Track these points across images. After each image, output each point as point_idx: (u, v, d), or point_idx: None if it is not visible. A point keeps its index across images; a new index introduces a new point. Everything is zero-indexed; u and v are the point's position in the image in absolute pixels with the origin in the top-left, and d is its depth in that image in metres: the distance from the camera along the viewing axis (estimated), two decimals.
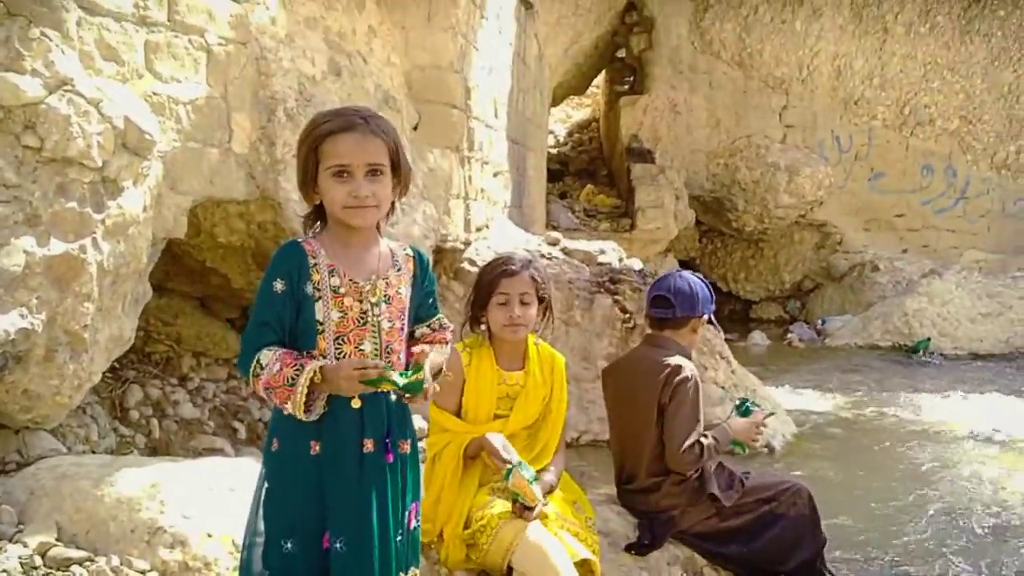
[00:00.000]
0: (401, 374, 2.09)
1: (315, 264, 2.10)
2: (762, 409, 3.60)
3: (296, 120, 4.26)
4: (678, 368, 3.43)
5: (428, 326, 2.34)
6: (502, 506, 2.97)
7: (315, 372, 2.01)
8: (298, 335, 2.12)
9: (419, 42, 5.80)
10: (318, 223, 2.24)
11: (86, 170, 3.10)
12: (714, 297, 3.65)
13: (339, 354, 2.13)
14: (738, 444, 3.55)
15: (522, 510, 2.92)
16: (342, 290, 2.12)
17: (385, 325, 2.18)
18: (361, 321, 2.15)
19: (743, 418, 3.55)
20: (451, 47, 5.97)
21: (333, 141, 2.09)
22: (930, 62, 13.53)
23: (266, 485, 2.17)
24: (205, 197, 3.90)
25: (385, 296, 2.19)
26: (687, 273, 3.66)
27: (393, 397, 2.18)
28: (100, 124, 3.12)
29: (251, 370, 2.04)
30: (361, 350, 2.15)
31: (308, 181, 2.15)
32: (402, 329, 2.24)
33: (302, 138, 2.16)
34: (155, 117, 3.47)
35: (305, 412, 2.03)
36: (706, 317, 3.61)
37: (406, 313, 2.26)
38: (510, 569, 2.89)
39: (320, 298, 2.10)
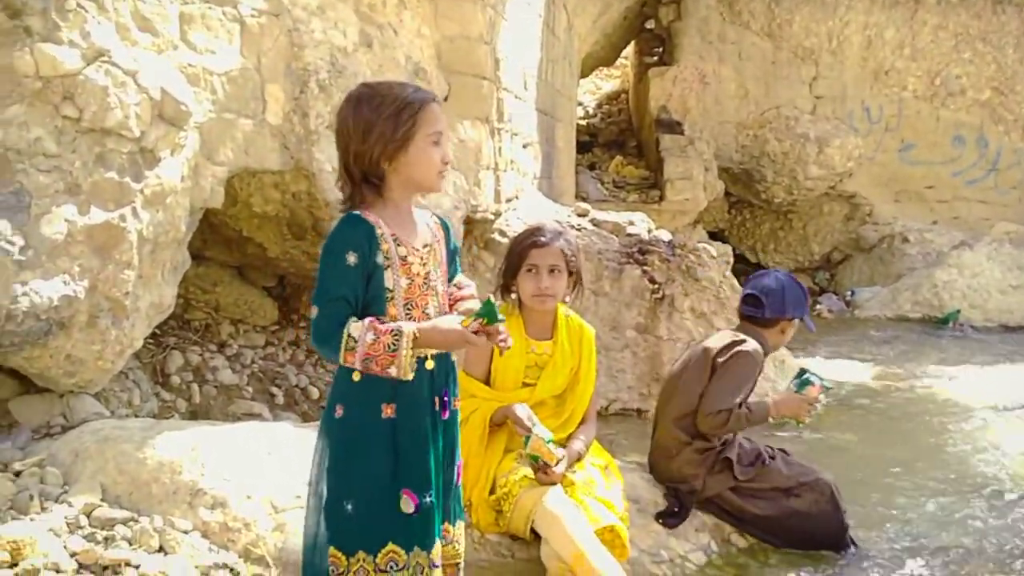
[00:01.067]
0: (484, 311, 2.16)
1: (382, 234, 2.15)
2: (820, 383, 3.57)
3: (328, 91, 4.30)
4: (743, 341, 3.48)
5: (455, 284, 2.41)
6: (525, 472, 3.03)
7: (414, 335, 2.09)
8: (368, 304, 2.16)
9: (448, 13, 5.79)
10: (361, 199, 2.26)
11: (124, 140, 3.15)
12: (808, 299, 3.67)
13: (409, 319, 2.19)
14: (792, 420, 3.58)
15: (544, 468, 2.97)
16: (410, 258, 2.19)
17: (439, 288, 2.28)
18: (425, 286, 2.23)
19: (795, 393, 3.54)
20: (480, 18, 5.96)
21: (430, 111, 2.19)
22: (962, 32, 13.30)
23: (329, 452, 2.21)
24: (240, 167, 3.95)
25: (437, 261, 2.28)
26: (783, 273, 3.68)
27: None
28: (137, 95, 3.17)
29: (343, 344, 2.07)
30: (427, 313, 2.22)
31: (389, 153, 2.16)
32: (447, 291, 2.34)
33: (397, 109, 2.17)
34: (190, 88, 3.51)
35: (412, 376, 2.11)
36: (796, 321, 3.62)
37: (445, 278, 2.35)
38: (536, 532, 2.95)
39: (389, 267, 2.16)
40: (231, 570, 2.71)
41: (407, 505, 2.17)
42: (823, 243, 13.96)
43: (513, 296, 3.28)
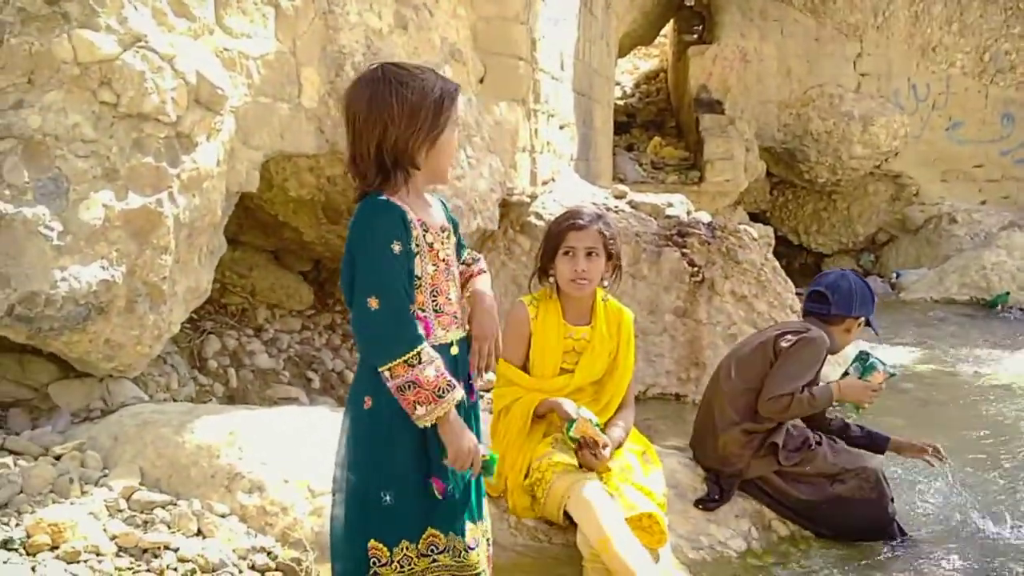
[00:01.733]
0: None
1: (411, 220, 2.10)
2: (885, 369, 3.50)
3: None
4: (809, 329, 3.46)
5: (464, 263, 2.37)
6: (559, 457, 3.00)
7: (456, 406, 2.08)
8: None
9: None
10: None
11: (161, 125, 3.16)
12: (875, 299, 3.60)
13: (435, 306, 2.16)
14: (852, 405, 3.54)
15: (590, 449, 2.95)
16: (435, 244, 2.15)
17: (455, 272, 2.24)
18: (447, 272, 2.20)
19: (859, 380, 3.49)
20: None
21: (459, 102, 2.19)
22: (1011, 7, 12.96)
23: (360, 445, 2.17)
24: (276, 151, 3.95)
25: (452, 245, 2.25)
26: (851, 273, 3.64)
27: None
28: (174, 80, 3.18)
29: (408, 352, 2.02)
30: (449, 299, 2.20)
31: (429, 140, 2.13)
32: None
33: (440, 96, 2.14)
34: (226, 72, 3.51)
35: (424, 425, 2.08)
36: (862, 320, 3.57)
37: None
38: (569, 516, 2.93)
39: (419, 253, 2.12)
40: (268, 553, 2.72)
41: (435, 492, 2.16)
42: (868, 224, 13.74)
43: (551, 280, 3.24)
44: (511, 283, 6.01)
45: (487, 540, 2.32)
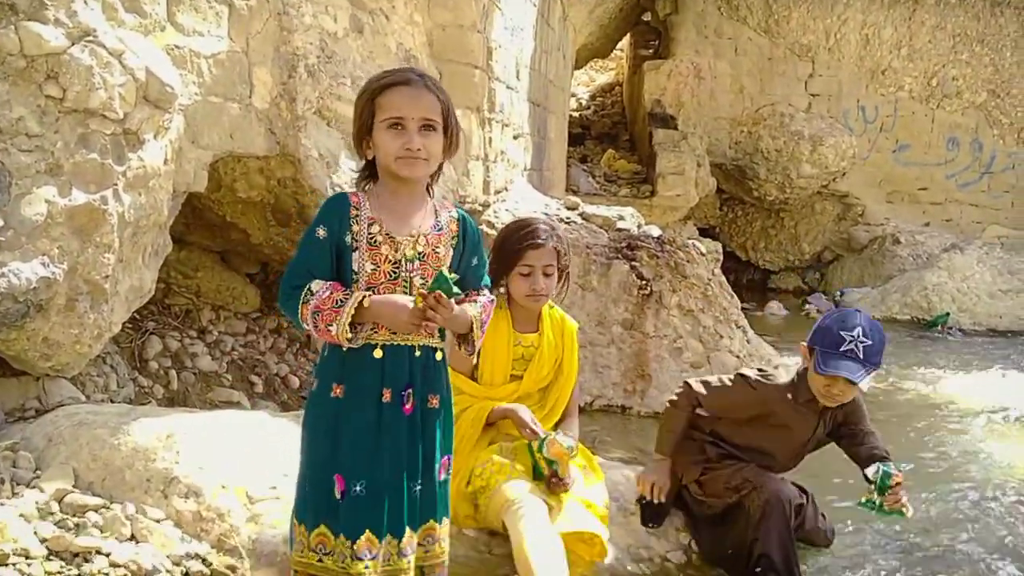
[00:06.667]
0: (450, 282, 2.14)
1: (356, 215, 2.16)
2: (899, 472, 3.20)
3: (317, 77, 4.25)
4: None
5: (467, 295, 2.34)
6: (499, 461, 3.01)
7: (364, 297, 2.11)
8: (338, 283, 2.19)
9: (442, 1, 5.76)
10: (369, 181, 2.31)
11: (108, 122, 3.11)
12: (852, 343, 3.07)
13: None
14: (881, 510, 3.19)
15: (557, 482, 2.96)
16: (378, 240, 2.18)
17: (417, 281, 2.22)
18: (393, 275, 2.20)
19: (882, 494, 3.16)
20: (474, 6, 5.92)
21: (390, 94, 2.18)
22: (960, 34, 13.31)
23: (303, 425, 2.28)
24: (225, 152, 3.91)
25: (420, 253, 2.23)
26: (851, 312, 3.23)
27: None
28: (122, 76, 3.13)
29: (302, 296, 2.11)
30: None
31: (363, 134, 2.22)
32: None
33: (360, 92, 2.24)
34: (176, 70, 3.46)
35: (349, 338, 2.11)
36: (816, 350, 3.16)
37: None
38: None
39: (356, 248, 2.16)
40: (203, 560, 2.68)
41: (336, 490, 2.19)
42: (814, 242, 13.98)
43: (501, 290, 3.25)
44: None
45: (407, 560, 2.27)
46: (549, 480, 2.98)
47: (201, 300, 5.07)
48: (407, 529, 2.26)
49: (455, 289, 2.14)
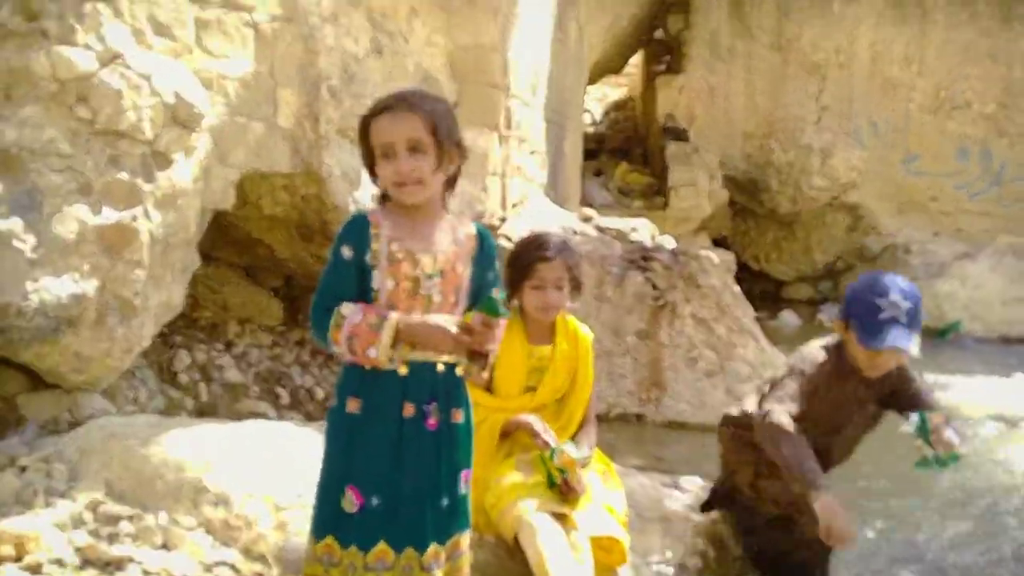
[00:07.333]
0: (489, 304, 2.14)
1: (376, 234, 2.16)
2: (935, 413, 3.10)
3: (339, 97, 4.35)
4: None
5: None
6: (513, 479, 3.05)
7: (399, 320, 2.10)
8: (359, 301, 2.17)
9: (462, 23, 5.84)
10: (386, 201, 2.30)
11: (137, 142, 3.20)
12: (890, 302, 2.94)
13: None
14: (938, 462, 3.01)
15: (568, 490, 3.00)
16: (398, 258, 2.17)
17: (436, 298, 2.21)
18: (412, 292, 2.18)
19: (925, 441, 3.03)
20: (493, 28, 6.00)
21: (376, 124, 2.18)
22: (970, 48, 13.32)
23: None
24: (251, 170, 4.00)
25: (439, 270, 2.22)
26: (880, 273, 3.07)
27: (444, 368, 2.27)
28: (151, 98, 3.22)
29: (333, 321, 2.10)
30: None
31: (371, 164, 2.23)
32: (456, 304, 2.26)
33: (359, 126, 2.24)
34: (204, 91, 3.56)
35: (391, 358, 2.11)
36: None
37: (461, 291, 2.28)
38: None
39: (376, 266, 2.16)
40: (232, 567, 2.73)
41: (349, 503, 2.17)
42: (826, 253, 13.97)
43: (514, 303, 3.31)
44: None
45: (433, 574, 2.25)
46: (561, 488, 3.03)
47: (228, 314, 5.16)
48: (432, 543, 2.25)
49: (502, 309, 2.13)
